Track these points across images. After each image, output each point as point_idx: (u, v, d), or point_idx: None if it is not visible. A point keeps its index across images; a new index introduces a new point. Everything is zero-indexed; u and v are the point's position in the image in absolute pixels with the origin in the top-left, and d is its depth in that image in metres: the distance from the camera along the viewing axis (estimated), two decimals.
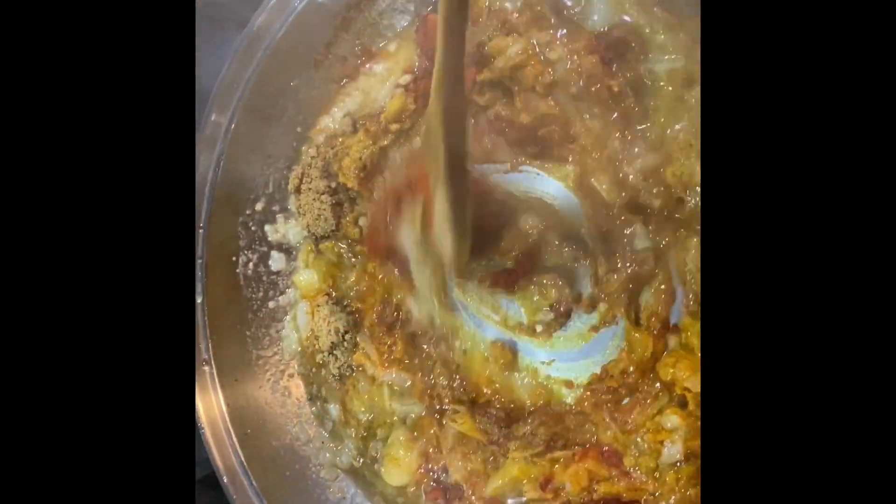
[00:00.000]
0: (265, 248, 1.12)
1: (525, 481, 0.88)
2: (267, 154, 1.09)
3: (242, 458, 1.00)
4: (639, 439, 0.84)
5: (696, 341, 0.85)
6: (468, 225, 0.83)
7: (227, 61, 0.98)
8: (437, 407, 0.92)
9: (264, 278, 1.12)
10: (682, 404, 0.84)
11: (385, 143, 1.01)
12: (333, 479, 1.05)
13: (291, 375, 1.10)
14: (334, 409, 1.06)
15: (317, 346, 1.05)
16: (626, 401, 0.87)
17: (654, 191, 0.87)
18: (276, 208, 1.11)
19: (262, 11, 0.98)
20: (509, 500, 0.90)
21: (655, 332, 0.87)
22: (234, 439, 1.01)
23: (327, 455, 1.05)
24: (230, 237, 1.08)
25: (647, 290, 0.89)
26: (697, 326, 0.86)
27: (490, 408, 0.89)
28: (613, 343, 0.90)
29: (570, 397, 0.91)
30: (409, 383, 0.96)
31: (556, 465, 0.86)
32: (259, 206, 1.10)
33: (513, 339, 0.94)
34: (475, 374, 0.93)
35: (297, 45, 1.02)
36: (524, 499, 0.89)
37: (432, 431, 0.95)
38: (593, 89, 0.84)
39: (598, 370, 0.90)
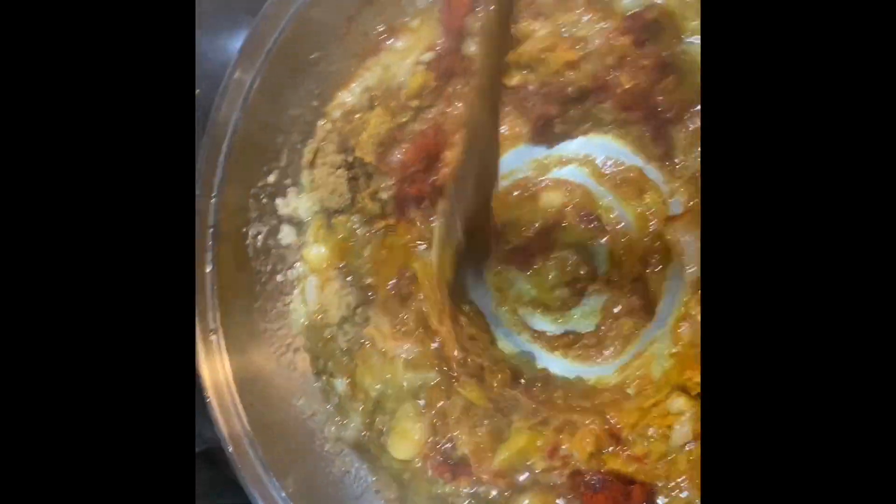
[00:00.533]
0: (275, 222, 1.11)
1: (533, 452, 0.89)
2: (281, 127, 1.09)
3: (248, 428, 0.99)
4: (650, 430, 0.85)
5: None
6: None
7: (252, 25, 0.97)
8: (448, 371, 0.92)
9: (273, 251, 1.11)
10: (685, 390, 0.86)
11: (404, 119, 1.02)
12: (338, 453, 1.05)
13: (297, 349, 1.10)
14: (340, 384, 1.05)
15: (325, 321, 1.05)
16: None
17: None
18: (287, 181, 1.11)
19: None
20: (519, 477, 0.91)
21: None
22: (241, 409, 1.00)
23: (332, 429, 1.05)
24: (241, 208, 1.07)
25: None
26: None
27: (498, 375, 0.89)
28: None
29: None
30: (419, 350, 0.96)
31: (562, 434, 0.87)
32: (271, 179, 1.09)
33: (526, 317, 0.95)
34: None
35: (320, 18, 1.02)
36: (532, 472, 0.90)
37: (440, 405, 0.95)
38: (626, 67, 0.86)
39: None
